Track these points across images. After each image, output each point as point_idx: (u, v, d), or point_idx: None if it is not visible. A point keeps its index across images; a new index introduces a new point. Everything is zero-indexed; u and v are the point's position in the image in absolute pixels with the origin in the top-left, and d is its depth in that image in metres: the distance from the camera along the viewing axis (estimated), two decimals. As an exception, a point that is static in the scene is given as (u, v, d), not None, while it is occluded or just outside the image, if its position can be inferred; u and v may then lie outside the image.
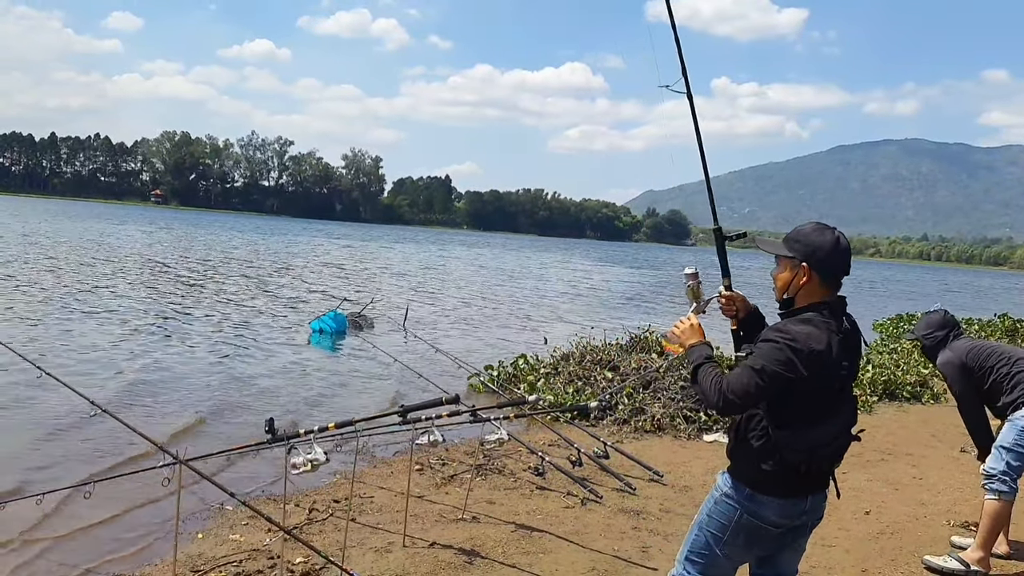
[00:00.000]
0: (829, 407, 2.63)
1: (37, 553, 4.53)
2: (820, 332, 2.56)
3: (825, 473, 2.72)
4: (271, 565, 4.28)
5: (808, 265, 2.64)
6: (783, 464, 2.59)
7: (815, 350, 2.52)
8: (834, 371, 2.60)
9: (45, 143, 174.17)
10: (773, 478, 2.62)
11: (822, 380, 2.57)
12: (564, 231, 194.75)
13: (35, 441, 6.66)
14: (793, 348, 2.52)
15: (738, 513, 2.67)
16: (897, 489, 6.26)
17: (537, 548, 4.68)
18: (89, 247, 31.95)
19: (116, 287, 18.65)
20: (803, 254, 2.65)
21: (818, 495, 2.72)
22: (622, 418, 7.83)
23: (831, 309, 2.65)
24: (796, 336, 2.54)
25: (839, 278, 2.69)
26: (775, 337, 2.57)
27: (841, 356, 2.60)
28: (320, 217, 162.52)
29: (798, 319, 2.63)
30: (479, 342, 14.46)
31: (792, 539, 2.77)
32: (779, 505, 2.64)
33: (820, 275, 2.64)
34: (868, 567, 4.64)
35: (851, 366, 2.69)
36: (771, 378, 2.52)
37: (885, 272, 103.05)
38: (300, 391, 9.45)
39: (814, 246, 2.65)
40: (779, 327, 2.62)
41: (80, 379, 8.32)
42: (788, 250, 2.69)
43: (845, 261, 2.68)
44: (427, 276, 32.45)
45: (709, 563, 2.76)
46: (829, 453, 2.64)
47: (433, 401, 4.50)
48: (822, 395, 2.60)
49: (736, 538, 2.70)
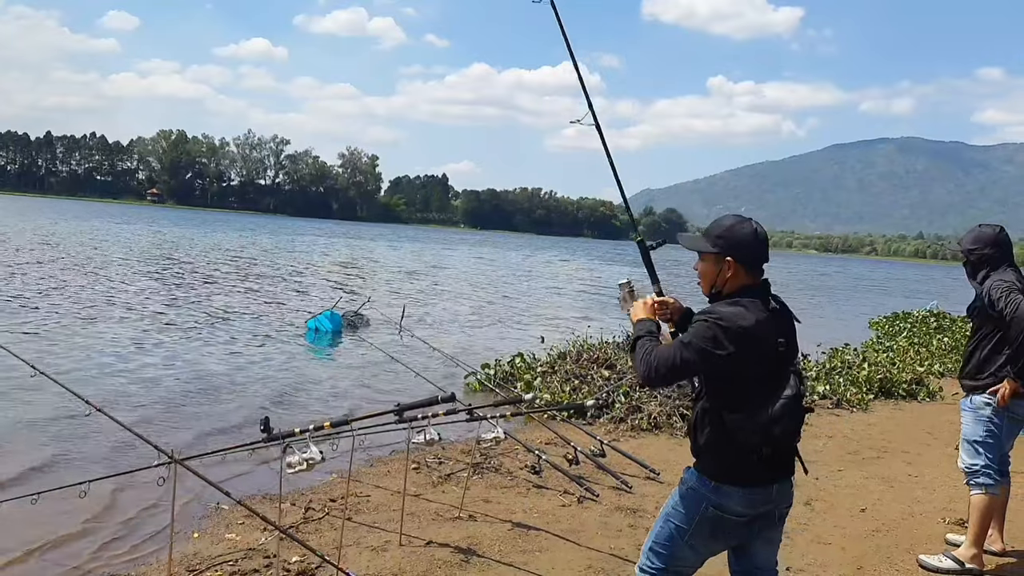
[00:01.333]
0: (774, 385, 2.66)
1: (31, 553, 4.52)
2: (747, 311, 2.65)
3: (787, 457, 2.77)
4: (267, 564, 4.27)
5: (733, 259, 2.73)
6: (742, 450, 2.63)
7: (742, 326, 2.61)
8: (768, 348, 2.66)
9: (41, 142, 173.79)
10: (736, 466, 2.66)
11: (757, 358, 2.63)
12: (561, 230, 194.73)
13: (30, 440, 6.65)
14: (719, 325, 2.61)
15: (703, 506, 2.71)
16: (892, 487, 6.28)
17: (534, 546, 4.69)
18: (85, 246, 31.88)
19: (112, 286, 18.62)
20: (727, 248, 2.75)
21: (784, 482, 2.77)
22: (619, 416, 7.84)
23: (756, 292, 2.75)
24: (722, 315, 2.65)
25: (760, 266, 2.79)
26: (703, 317, 2.69)
27: (773, 332, 2.68)
28: (317, 216, 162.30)
29: (726, 302, 2.73)
30: (475, 341, 14.46)
31: (761, 529, 2.79)
32: (744, 494, 2.68)
33: (744, 266, 2.75)
34: (863, 565, 4.65)
35: (788, 343, 2.75)
36: (696, 352, 2.62)
37: (881, 270, 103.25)
38: (296, 390, 9.44)
39: (736, 240, 2.75)
40: (707, 309, 2.73)
41: (75, 378, 8.32)
42: (712, 246, 2.78)
43: (764, 251, 2.79)
44: (424, 275, 32.42)
45: (672, 554, 2.80)
46: (783, 430, 2.65)
47: (429, 400, 4.50)
48: (763, 374, 2.65)
49: (701, 530, 2.74)
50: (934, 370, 12.17)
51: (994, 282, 4.27)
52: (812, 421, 8.35)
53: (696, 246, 2.84)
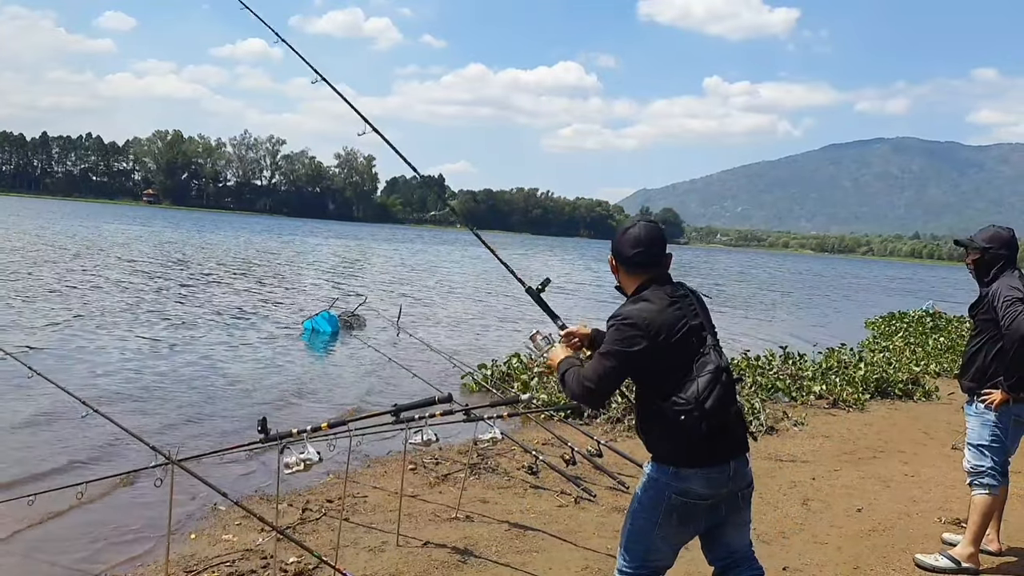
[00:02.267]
0: (693, 360, 2.72)
1: (28, 553, 4.52)
2: (649, 304, 2.76)
3: (735, 433, 2.83)
4: (264, 565, 4.27)
5: (614, 259, 2.96)
6: (685, 430, 2.66)
7: (646, 319, 2.72)
8: (679, 331, 2.74)
9: (36, 142, 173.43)
10: (686, 448, 2.71)
11: (671, 342, 2.71)
12: (557, 230, 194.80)
13: (27, 441, 6.64)
14: (628, 323, 2.73)
15: (666, 494, 2.75)
16: (889, 486, 6.29)
17: (531, 547, 4.69)
18: (81, 245, 31.82)
19: (107, 287, 18.59)
20: (613, 252, 2.96)
21: (739, 460, 2.82)
22: (615, 416, 7.84)
23: (657, 283, 2.85)
24: (628, 313, 2.76)
25: (647, 264, 2.88)
26: (611, 322, 2.80)
27: (679, 316, 2.76)
28: (313, 216, 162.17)
29: (629, 300, 2.86)
30: (472, 341, 14.46)
31: (727, 512, 2.84)
32: (703, 476, 2.73)
33: (624, 266, 2.92)
34: (860, 564, 4.66)
35: (700, 322, 2.81)
36: (617, 356, 2.73)
37: (877, 270, 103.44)
38: (293, 390, 9.43)
39: (616, 242, 2.94)
40: (614, 313, 2.83)
41: (72, 380, 8.30)
42: (610, 251, 2.98)
43: (643, 251, 2.87)
44: (420, 275, 32.41)
45: (646, 549, 2.83)
46: (715, 400, 2.66)
47: (426, 400, 4.50)
48: (682, 354, 2.72)
49: (669, 519, 2.77)
50: (930, 370, 12.19)
51: (1002, 287, 4.28)
52: (809, 421, 8.38)
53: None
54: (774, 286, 44.24)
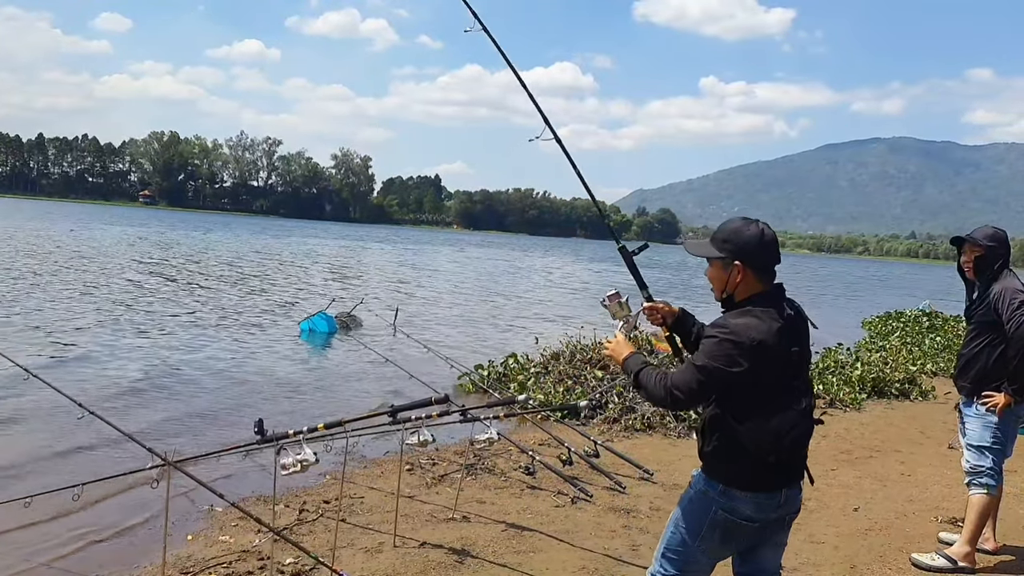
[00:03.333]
0: (785, 394, 2.63)
1: (24, 555, 4.50)
2: (760, 322, 2.59)
3: (796, 464, 2.74)
4: (261, 566, 4.27)
5: (741, 263, 2.67)
6: (751, 458, 2.60)
7: (755, 340, 2.54)
8: (781, 358, 2.61)
9: (32, 144, 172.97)
10: (744, 473, 2.63)
11: (771, 368, 2.58)
12: (554, 230, 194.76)
13: (23, 443, 6.63)
14: (733, 341, 2.55)
15: (713, 510, 2.68)
16: (885, 485, 6.30)
17: (528, 547, 4.69)
18: (78, 248, 31.76)
19: (103, 288, 18.55)
20: (735, 253, 2.68)
21: (792, 488, 2.74)
22: (612, 417, 7.84)
23: (770, 298, 2.68)
24: (735, 329, 2.58)
25: (772, 269, 2.73)
26: (714, 333, 2.62)
27: (787, 342, 2.62)
28: (309, 217, 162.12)
29: (737, 312, 2.66)
30: (469, 342, 14.45)
31: (770, 534, 2.78)
32: (753, 500, 2.65)
33: (753, 270, 2.68)
34: (856, 563, 4.66)
35: (801, 351, 2.70)
36: (712, 373, 2.56)
37: (873, 270, 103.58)
38: (289, 391, 9.42)
39: (743, 243, 2.68)
40: (718, 322, 2.66)
41: (68, 381, 8.28)
42: (719, 251, 2.72)
43: (774, 252, 2.72)
44: (417, 276, 32.40)
45: (685, 560, 2.77)
46: (792, 440, 2.63)
47: (423, 401, 4.49)
48: (775, 383, 2.61)
49: (712, 534, 2.71)
50: (926, 369, 12.22)
51: (1007, 289, 4.27)
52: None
53: (702, 252, 2.77)
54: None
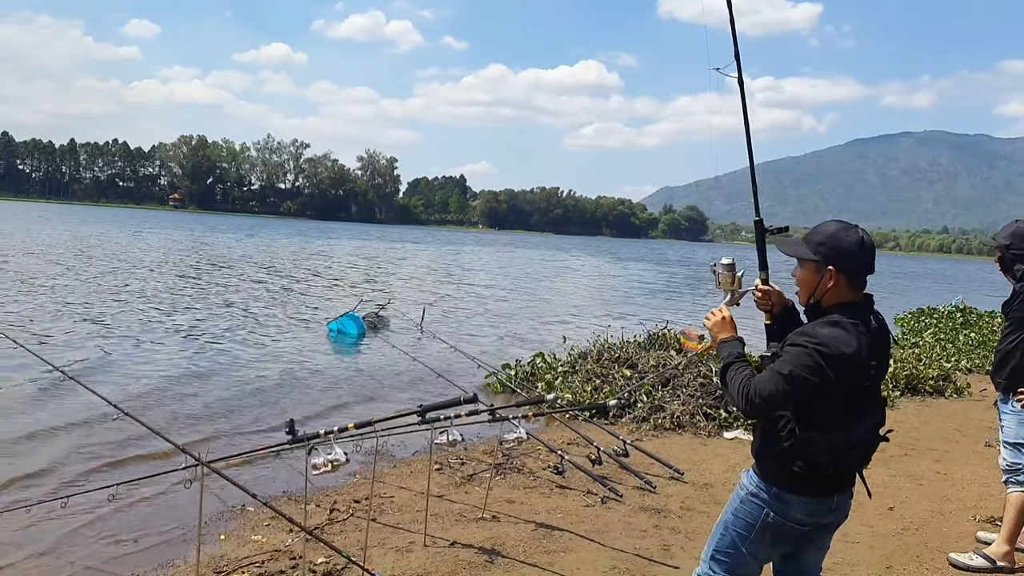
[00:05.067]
0: (857, 408, 2.59)
1: (61, 554, 4.58)
2: (848, 335, 2.51)
3: (853, 473, 2.70)
4: (293, 565, 4.30)
5: (835, 268, 2.57)
6: (810, 464, 2.56)
7: (844, 353, 2.47)
8: (863, 372, 2.55)
9: (65, 149, 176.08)
10: (800, 478, 2.59)
11: (851, 381, 2.52)
12: (579, 229, 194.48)
13: (59, 444, 6.73)
14: (822, 353, 2.47)
15: (764, 512, 2.65)
16: (921, 484, 6.20)
17: (558, 547, 4.68)
18: (110, 250, 32.26)
19: (134, 290, 18.82)
20: (829, 257, 2.58)
21: (844, 494, 2.70)
22: (641, 416, 7.80)
23: (858, 309, 2.60)
24: (824, 340, 2.48)
25: (864, 278, 2.64)
26: (803, 342, 2.51)
27: (870, 356, 2.55)
28: (336, 219, 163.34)
29: (825, 321, 2.56)
30: (496, 341, 14.47)
31: (817, 537, 2.76)
32: (806, 504, 2.62)
33: (847, 277, 2.58)
34: (892, 563, 4.59)
35: (880, 365, 2.64)
36: (798, 383, 2.48)
37: (906, 265, 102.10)
38: (319, 392, 9.49)
39: (840, 248, 2.58)
40: (806, 331, 2.56)
41: (103, 382, 8.42)
42: (813, 253, 2.62)
43: (870, 261, 2.62)
44: (443, 276, 32.50)
45: (735, 562, 2.74)
46: (857, 454, 2.60)
47: (452, 400, 4.50)
48: (851, 396, 2.56)
49: (763, 536, 2.68)
50: (961, 366, 12.02)
51: None
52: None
53: (796, 252, 2.68)
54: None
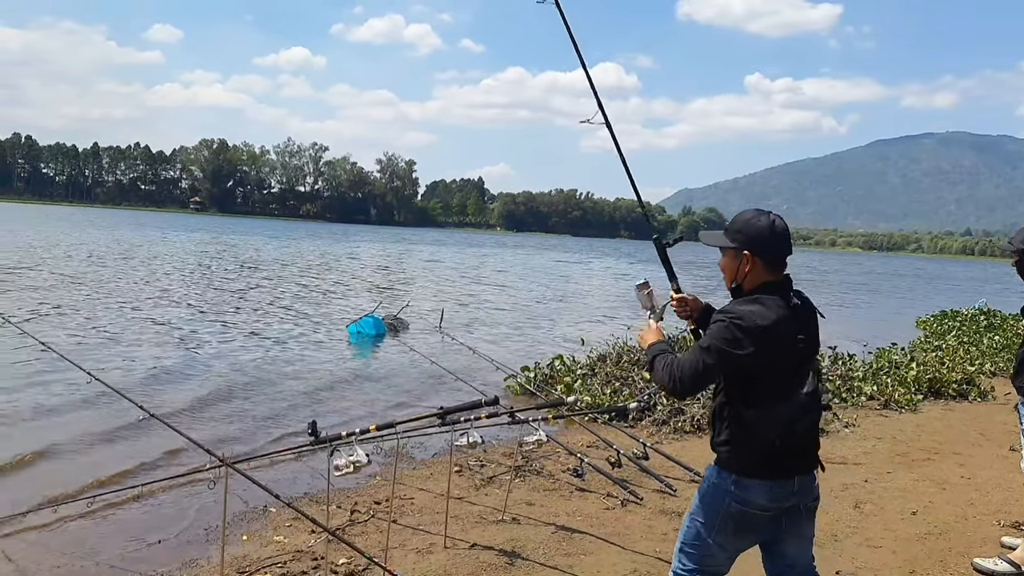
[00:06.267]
0: (792, 381, 2.67)
1: (87, 552, 4.64)
2: (766, 308, 2.63)
3: (808, 451, 2.77)
4: (315, 566, 4.33)
5: (751, 252, 2.73)
6: (760, 444, 2.63)
7: (760, 325, 2.59)
8: (787, 344, 2.64)
9: (88, 153, 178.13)
10: (755, 460, 2.66)
11: (777, 355, 2.61)
12: (597, 231, 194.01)
13: (86, 445, 6.83)
14: (738, 325, 2.60)
15: (726, 501, 2.71)
16: (944, 489, 6.14)
17: (578, 549, 4.68)
18: (131, 253, 32.61)
19: (158, 293, 19.01)
20: (744, 243, 2.74)
21: (806, 476, 2.75)
22: (661, 419, 7.79)
23: (777, 287, 2.72)
24: (741, 314, 2.62)
25: (782, 260, 2.76)
26: (720, 318, 2.66)
27: (793, 329, 2.65)
28: (355, 221, 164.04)
29: (745, 299, 2.71)
30: (515, 343, 14.48)
31: (789, 524, 2.77)
32: (767, 489, 2.68)
33: (763, 260, 2.73)
34: (916, 568, 4.56)
35: (808, 339, 2.72)
36: (718, 355, 2.61)
37: (928, 268, 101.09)
38: (339, 394, 9.55)
39: (753, 233, 2.74)
40: (725, 308, 2.72)
41: (128, 382, 8.53)
42: (731, 241, 2.78)
43: (785, 243, 2.76)
44: (462, 278, 32.55)
45: (703, 553, 2.79)
46: (802, 426, 2.66)
47: (472, 403, 4.52)
48: (782, 370, 2.64)
49: (726, 526, 2.73)
50: (985, 369, 11.88)
51: None
52: (860, 423, 8.22)
53: (716, 242, 2.84)
54: (820, 284, 43.52)
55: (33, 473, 6.06)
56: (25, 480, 5.92)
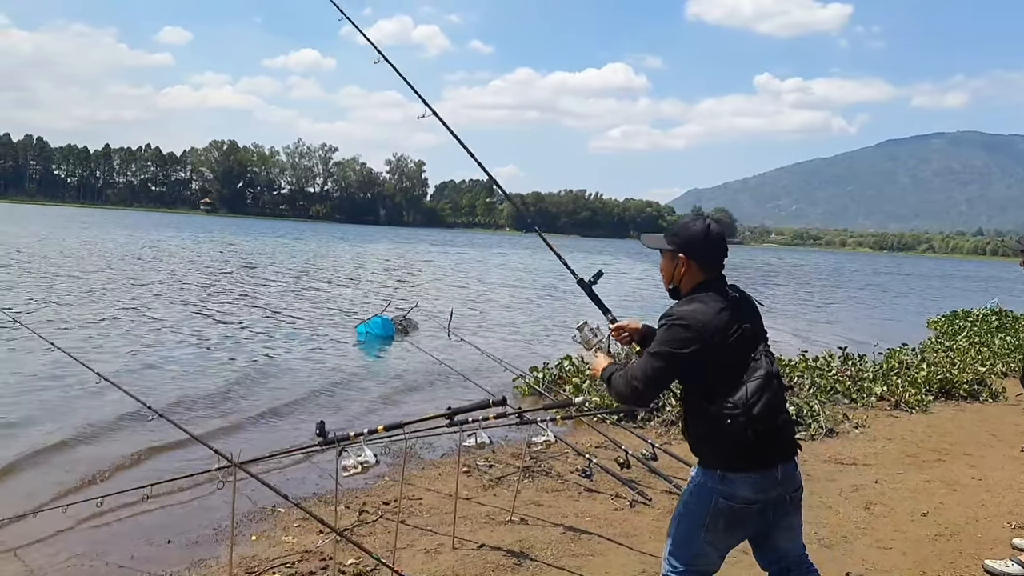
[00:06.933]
0: (744, 367, 2.72)
1: (96, 553, 4.66)
2: (704, 305, 2.75)
3: (784, 438, 2.81)
4: (323, 567, 4.34)
5: (685, 255, 2.85)
6: (731, 435, 2.66)
7: (702, 321, 2.70)
8: (731, 335, 2.72)
9: (99, 154, 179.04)
10: (733, 453, 2.70)
11: (724, 347, 2.70)
12: (606, 232, 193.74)
13: (95, 445, 6.86)
14: (681, 325, 2.72)
15: (713, 498, 2.74)
16: (955, 490, 6.10)
17: (586, 550, 4.67)
18: (144, 254, 32.77)
19: (167, 294, 19.09)
20: (680, 246, 2.87)
21: (788, 464, 2.80)
22: (670, 419, 7.76)
23: (712, 285, 2.83)
24: (681, 314, 2.75)
25: (716, 263, 2.87)
26: (664, 322, 2.79)
27: (732, 320, 2.74)
28: (364, 222, 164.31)
29: (683, 300, 2.85)
30: (523, 344, 14.49)
31: (776, 516, 2.81)
32: (752, 481, 2.72)
33: (697, 263, 2.85)
34: (926, 570, 4.53)
35: (752, 327, 2.81)
36: (668, 357, 2.73)
37: (939, 268, 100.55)
38: (348, 394, 9.57)
39: (687, 237, 2.87)
40: (666, 313, 2.81)
41: (137, 384, 8.56)
42: (668, 244, 2.91)
43: (718, 247, 2.87)
44: (471, 278, 32.57)
45: (694, 553, 2.82)
46: (763, 407, 2.67)
47: (480, 403, 4.52)
48: (733, 360, 2.71)
49: (716, 524, 2.76)
50: (996, 370, 11.79)
51: None
52: (870, 423, 8.18)
53: (655, 244, 2.97)
54: (833, 285, 43.38)
55: (42, 473, 6.10)
56: (34, 480, 5.95)
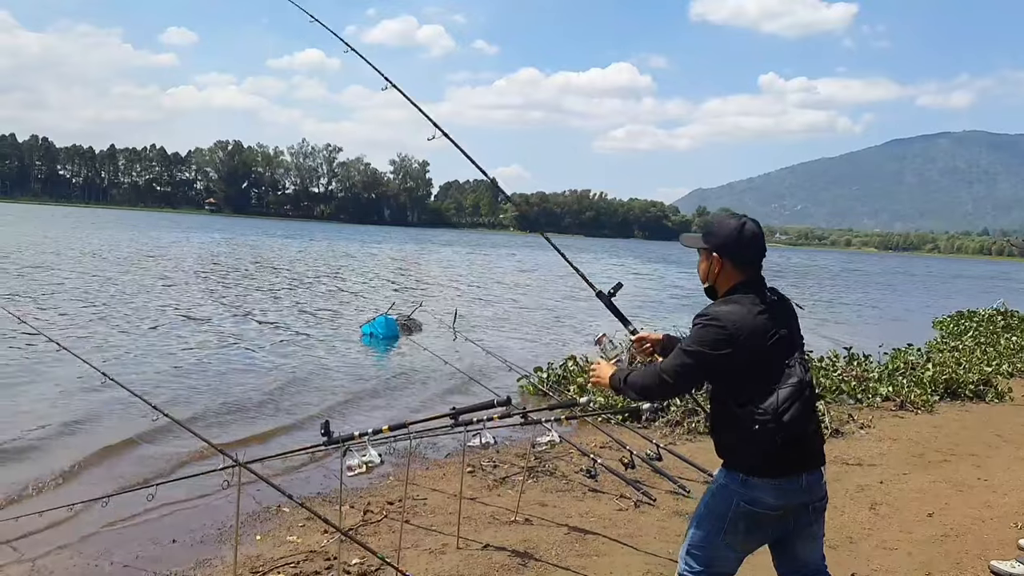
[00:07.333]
0: (777, 373, 2.68)
1: (101, 552, 4.67)
2: (740, 307, 2.71)
3: (811, 447, 2.77)
4: (328, 566, 4.34)
5: (719, 255, 2.81)
6: (759, 441, 2.63)
7: (735, 323, 2.67)
8: (766, 340, 2.69)
9: (104, 155, 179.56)
10: (759, 458, 2.67)
11: (756, 351, 2.66)
12: (611, 231, 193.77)
13: (100, 445, 6.87)
14: (715, 326, 2.68)
15: (735, 501, 2.72)
16: (961, 491, 6.08)
17: (591, 551, 4.67)
18: (149, 254, 32.85)
19: (171, 293, 19.13)
20: (714, 245, 2.83)
21: (813, 473, 2.76)
22: (674, 420, 7.76)
23: (750, 287, 2.79)
24: (717, 315, 2.71)
25: (752, 262, 2.82)
26: (699, 321, 2.75)
27: (769, 325, 2.71)
28: (369, 222, 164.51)
29: (720, 301, 2.80)
30: (528, 344, 14.47)
31: (798, 524, 2.78)
32: (775, 487, 2.69)
33: (732, 262, 2.81)
34: (932, 571, 4.51)
35: (789, 332, 2.78)
36: (700, 356, 2.70)
37: (944, 268, 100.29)
38: (352, 394, 9.56)
39: (722, 236, 2.82)
40: (702, 312, 2.78)
41: (140, 383, 8.58)
42: (704, 243, 2.87)
43: (754, 245, 2.82)
44: (475, 278, 32.57)
45: (712, 555, 2.79)
46: (792, 416, 2.64)
47: (485, 404, 4.52)
48: (766, 366, 2.68)
49: (736, 527, 2.74)
50: (1002, 370, 11.76)
51: None
52: (875, 424, 8.16)
53: (693, 243, 2.94)
54: (837, 285, 43.27)
55: (47, 472, 6.10)
56: (40, 479, 5.96)
